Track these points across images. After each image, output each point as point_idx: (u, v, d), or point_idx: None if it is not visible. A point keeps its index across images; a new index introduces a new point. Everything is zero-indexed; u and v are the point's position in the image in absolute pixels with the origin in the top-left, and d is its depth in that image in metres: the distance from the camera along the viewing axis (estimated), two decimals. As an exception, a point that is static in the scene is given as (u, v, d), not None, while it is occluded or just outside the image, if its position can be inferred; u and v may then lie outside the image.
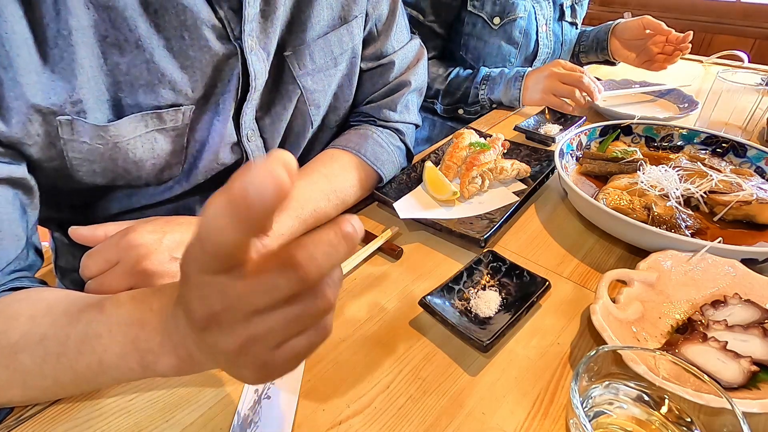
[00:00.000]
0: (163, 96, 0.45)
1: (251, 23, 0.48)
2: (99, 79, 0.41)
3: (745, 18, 2.02)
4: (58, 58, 0.38)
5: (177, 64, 0.44)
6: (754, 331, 0.39)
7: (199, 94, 0.47)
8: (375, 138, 0.65)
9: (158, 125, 0.46)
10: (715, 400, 0.29)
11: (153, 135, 0.46)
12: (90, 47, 0.40)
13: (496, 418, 0.37)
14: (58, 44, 0.38)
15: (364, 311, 0.48)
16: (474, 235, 0.54)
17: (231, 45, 0.47)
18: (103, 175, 0.46)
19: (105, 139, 0.43)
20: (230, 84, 0.49)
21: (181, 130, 0.48)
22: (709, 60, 1.25)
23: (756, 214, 0.56)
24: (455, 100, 1.04)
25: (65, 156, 0.42)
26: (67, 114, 0.40)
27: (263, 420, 0.37)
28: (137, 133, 0.45)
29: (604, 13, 2.34)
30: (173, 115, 0.46)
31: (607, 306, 0.43)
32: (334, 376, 0.41)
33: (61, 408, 0.38)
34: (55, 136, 0.41)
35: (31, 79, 0.37)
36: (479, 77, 1.01)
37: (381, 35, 0.65)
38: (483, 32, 1.03)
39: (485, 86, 1.00)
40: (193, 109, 0.48)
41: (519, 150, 0.75)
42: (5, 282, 0.39)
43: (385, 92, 0.68)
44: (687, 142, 0.72)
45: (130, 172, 0.47)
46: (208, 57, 0.46)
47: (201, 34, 0.45)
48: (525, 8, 1.02)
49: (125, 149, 0.45)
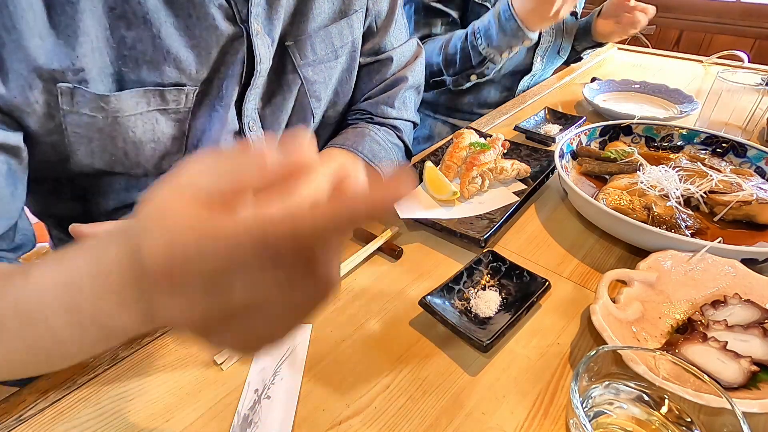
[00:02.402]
0: (167, 74, 0.45)
1: (257, 7, 0.48)
2: (103, 51, 0.41)
3: (745, 18, 2.02)
4: (64, 25, 0.38)
5: (183, 42, 0.44)
6: (754, 331, 0.39)
7: (203, 75, 0.47)
8: (372, 136, 0.65)
9: (160, 104, 0.46)
10: (715, 400, 0.29)
11: (154, 115, 0.46)
12: (97, 18, 0.40)
13: (496, 418, 0.37)
14: (65, 11, 0.38)
15: (364, 311, 0.48)
16: (474, 235, 0.54)
17: (237, 27, 0.47)
18: (101, 158, 0.46)
19: (105, 110, 0.43)
20: (234, 68, 0.49)
21: (183, 114, 0.48)
22: (709, 60, 1.25)
23: (756, 214, 0.56)
24: (460, 66, 0.99)
25: (64, 129, 0.42)
26: (68, 81, 0.40)
27: (263, 420, 0.37)
28: (138, 110, 0.44)
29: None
30: (176, 95, 0.46)
31: (607, 306, 0.43)
32: (334, 376, 0.41)
33: (61, 408, 0.38)
34: (55, 106, 0.40)
35: (35, 42, 0.37)
36: (468, 33, 0.95)
37: (380, 31, 0.66)
38: None
39: (480, 38, 0.93)
40: (197, 91, 0.48)
41: (519, 150, 0.75)
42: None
43: (383, 88, 0.69)
44: (687, 142, 0.72)
45: (128, 155, 0.47)
46: (215, 37, 0.46)
47: (208, 13, 0.45)
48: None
49: (125, 126, 0.44)
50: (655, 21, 1.10)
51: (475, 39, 0.94)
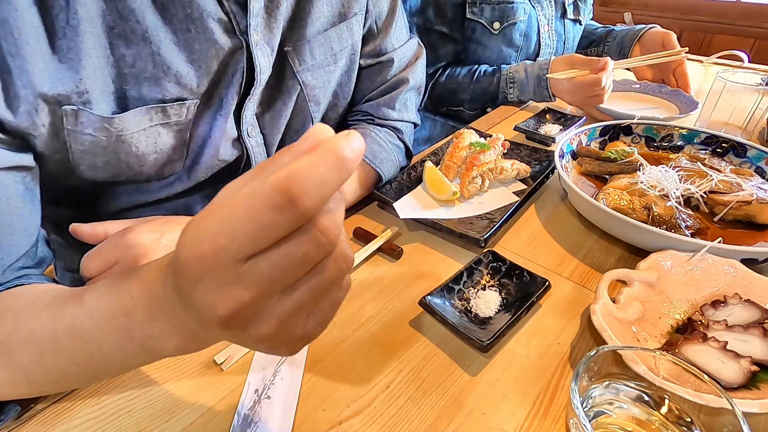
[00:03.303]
0: (168, 90, 0.45)
1: (256, 18, 0.48)
2: (105, 70, 0.41)
3: (745, 18, 2.02)
4: (66, 48, 0.38)
5: (183, 57, 0.44)
6: (754, 331, 0.39)
7: (204, 88, 0.47)
8: (373, 137, 0.65)
9: (162, 119, 0.46)
10: (715, 400, 0.29)
11: (156, 129, 0.46)
12: (97, 38, 0.40)
13: (496, 418, 0.37)
14: (66, 34, 0.38)
15: (364, 311, 0.48)
16: (474, 235, 0.54)
17: (237, 39, 0.47)
18: (105, 170, 0.46)
19: (109, 131, 0.43)
20: (234, 79, 0.49)
21: (184, 125, 0.48)
22: (709, 60, 1.25)
23: (756, 214, 0.56)
24: (482, 103, 1.04)
25: (68, 147, 0.42)
26: (72, 104, 0.40)
27: (263, 420, 0.37)
28: (141, 126, 0.45)
29: (604, 13, 2.34)
30: (177, 109, 0.46)
31: (607, 306, 0.43)
32: (334, 376, 0.41)
33: (61, 408, 0.38)
34: (60, 126, 0.41)
35: (39, 67, 0.37)
36: (503, 81, 0.99)
37: (381, 33, 0.66)
38: (482, 37, 1.03)
39: (514, 89, 0.98)
40: (197, 104, 0.48)
41: (519, 150, 0.75)
42: (12, 278, 0.39)
43: (384, 90, 0.68)
44: (687, 142, 0.72)
45: (132, 167, 0.47)
46: (214, 50, 0.46)
47: (207, 27, 0.45)
48: (525, 11, 1.02)
49: (128, 143, 0.45)
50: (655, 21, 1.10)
51: (508, 87, 0.99)
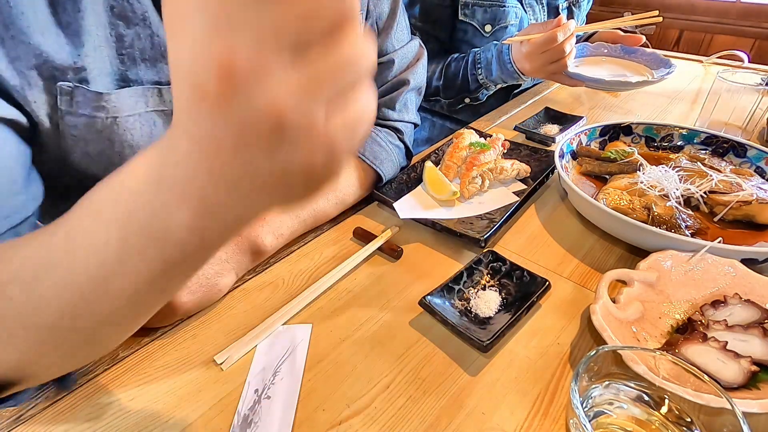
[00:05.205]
0: (165, 72, 0.45)
1: None
2: (104, 49, 0.41)
3: (745, 18, 2.02)
4: (67, 23, 0.38)
5: None
6: (754, 331, 0.39)
7: None
8: (373, 137, 0.65)
9: (158, 105, 0.46)
10: (715, 400, 0.29)
11: (152, 117, 0.46)
12: (98, 15, 0.40)
13: (496, 418, 0.37)
14: (66, 9, 0.38)
15: (364, 311, 0.48)
16: (474, 235, 0.54)
17: None
18: (98, 160, 0.45)
19: (105, 109, 0.42)
20: None
21: None
22: (709, 60, 1.25)
23: (756, 214, 0.56)
24: (458, 90, 1.03)
25: (60, 131, 0.42)
26: (68, 80, 0.40)
27: (263, 420, 0.37)
28: (137, 110, 0.44)
29: (605, 13, 2.34)
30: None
31: (607, 306, 0.43)
32: (334, 376, 0.41)
33: (61, 408, 0.38)
34: (53, 106, 0.40)
35: (37, 39, 0.37)
36: (470, 62, 0.99)
37: (381, 33, 0.66)
38: (474, 39, 1.03)
39: (481, 69, 0.98)
40: None
41: (519, 150, 0.75)
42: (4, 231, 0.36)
43: (384, 91, 0.68)
44: (687, 142, 0.72)
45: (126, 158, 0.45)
46: None
47: None
48: (516, 15, 1.02)
49: (123, 128, 0.44)
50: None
51: (476, 68, 0.99)
